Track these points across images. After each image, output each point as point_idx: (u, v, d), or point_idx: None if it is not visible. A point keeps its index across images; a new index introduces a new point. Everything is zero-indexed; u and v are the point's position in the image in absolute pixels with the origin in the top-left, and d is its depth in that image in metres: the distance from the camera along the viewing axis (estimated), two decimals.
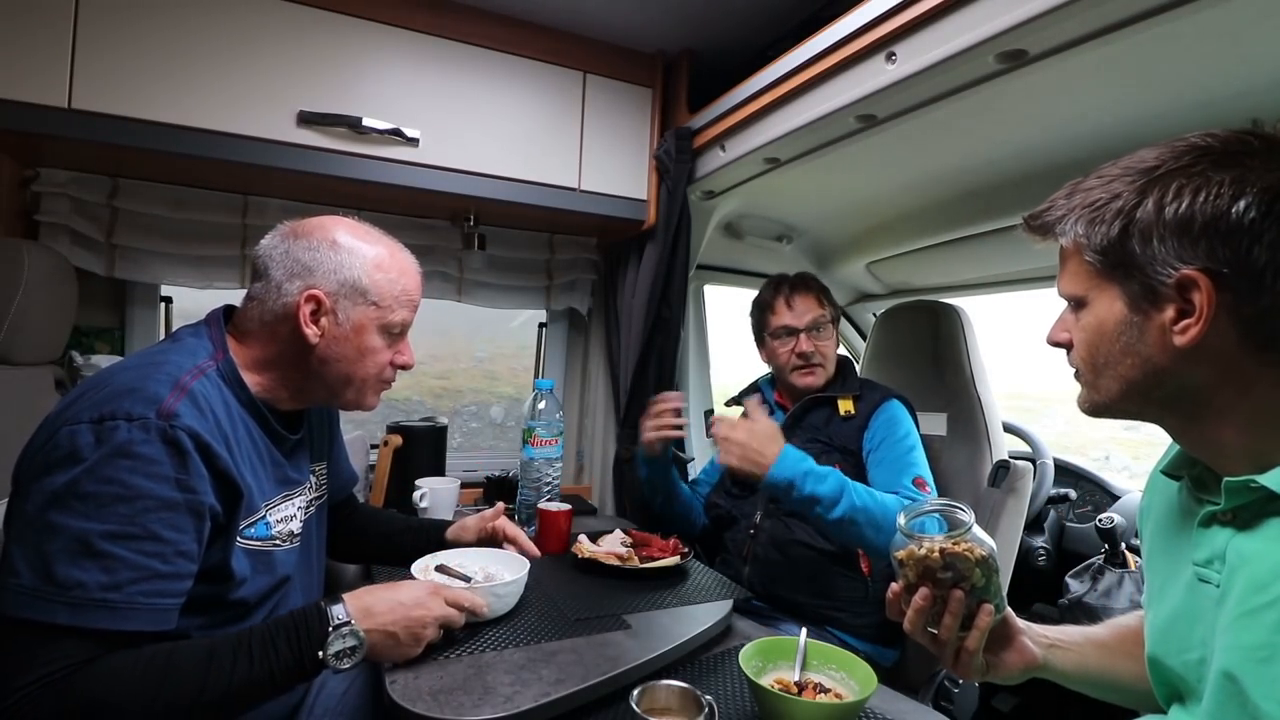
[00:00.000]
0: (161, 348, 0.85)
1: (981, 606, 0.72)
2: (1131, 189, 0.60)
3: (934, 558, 0.71)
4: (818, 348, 1.46)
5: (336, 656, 0.76)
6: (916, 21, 1.01)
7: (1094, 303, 0.64)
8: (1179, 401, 0.62)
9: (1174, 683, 0.67)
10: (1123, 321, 0.62)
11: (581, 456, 2.18)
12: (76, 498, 0.67)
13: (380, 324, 0.91)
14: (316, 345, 0.87)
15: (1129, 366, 0.62)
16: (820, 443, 1.39)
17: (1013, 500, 1.36)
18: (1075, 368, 0.68)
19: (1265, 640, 0.54)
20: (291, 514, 0.92)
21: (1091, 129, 1.17)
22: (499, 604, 0.99)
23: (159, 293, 1.69)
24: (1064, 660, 0.79)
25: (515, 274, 2.00)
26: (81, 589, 0.66)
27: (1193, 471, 0.66)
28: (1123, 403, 0.64)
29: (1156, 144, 0.62)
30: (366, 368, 0.92)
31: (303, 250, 0.88)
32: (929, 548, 0.71)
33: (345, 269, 0.88)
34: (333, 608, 0.78)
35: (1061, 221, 0.65)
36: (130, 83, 1.26)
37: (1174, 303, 0.58)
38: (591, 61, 1.69)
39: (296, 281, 0.86)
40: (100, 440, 0.69)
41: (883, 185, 1.62)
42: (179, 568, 0.72)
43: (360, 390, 0.93)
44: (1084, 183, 0.65)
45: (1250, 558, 0.57)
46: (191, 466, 0.73)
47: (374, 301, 0.89)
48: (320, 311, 0.87)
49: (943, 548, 0.71)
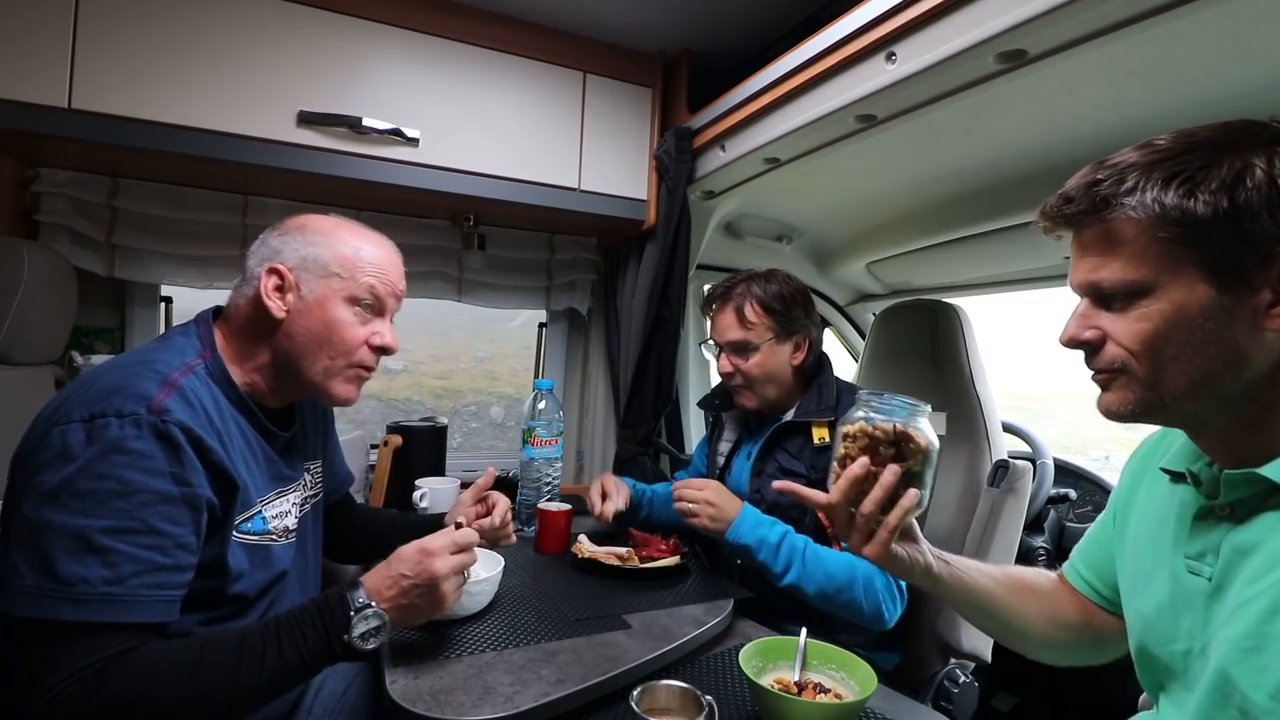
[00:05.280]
0: (150, 347, 0.86)
1: (908, 491, 0.73)
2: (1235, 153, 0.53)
3: (884, 430, 0.73)
4: (737, 368, 1.31)
5: (363, 638, 0.76)
6: (916, 21, 1.01)
7: (1166, 288, 0.56)
8: (1237, 397, 0.57)
9: (1161, 673, 0.68)
10: (1208, 307, 0.55)
11: (581, 456, 2.18)
12: (72, 495, 0.68)
13: (345, 295, 0.89)
14: (283, 321, 0.87)
15: (1209, 357, 0.56)
16: (798, 475, 1.25)
17: (1012, 500, 1.36)
18: (1108, 367, 0.61)
19: (1252, 630, 0.54)
20: (287, 510, 0.93)
21: (1092, 129, 1.17)
22: (471, 601, 0.98)
23: (159, 293, 1.70)
24: (953, 577, 0.80)
25: (515, 274, 2.00)
26: (85, 584, 0.66)
27: (1193, 467, 0.65)
28: (1185, 399, 0.58)
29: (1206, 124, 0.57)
30: (334, 344, 0.89)
31: (274, 237, 0.90)
32: (883, 424, 0.73)
33: (309, 246, 0.89)
34: (353, 592, 0.79)
35: (1135, 192, 0.56)
36: (130, 83, 1.26)
37: (1270, 285, 0.54)
38: (591, 61, 1.69)
39: (265, 264, 0.88)
40: (92, 438, 0.69)
41: (883, 185, 1.62)
42: (179, 560, 0.73)
43: (328, 371, 0.90)
44: (1150, 147, 0.58)
45: (1249, 551, 0.57)
46: (186, 460, 0.73)
47: (336, 272, 0.89)
48: (285, 287, 0.87)
49: (896, 424, 0.73)
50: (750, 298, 1.30)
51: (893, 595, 1.14)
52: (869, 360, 1.75)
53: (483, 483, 1.18)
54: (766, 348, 1.29)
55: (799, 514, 1.25)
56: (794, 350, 1.32)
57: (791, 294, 1.32)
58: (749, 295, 1.30)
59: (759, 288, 1.31)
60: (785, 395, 1.35)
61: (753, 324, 1.29)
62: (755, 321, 1.29)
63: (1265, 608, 0.54)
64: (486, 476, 1.19)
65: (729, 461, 1.45)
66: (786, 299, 1.31)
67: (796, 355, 1.33)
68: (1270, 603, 0.54)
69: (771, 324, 1.29)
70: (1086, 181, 0.60)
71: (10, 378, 1.18)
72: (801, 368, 1.34)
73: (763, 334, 1.29)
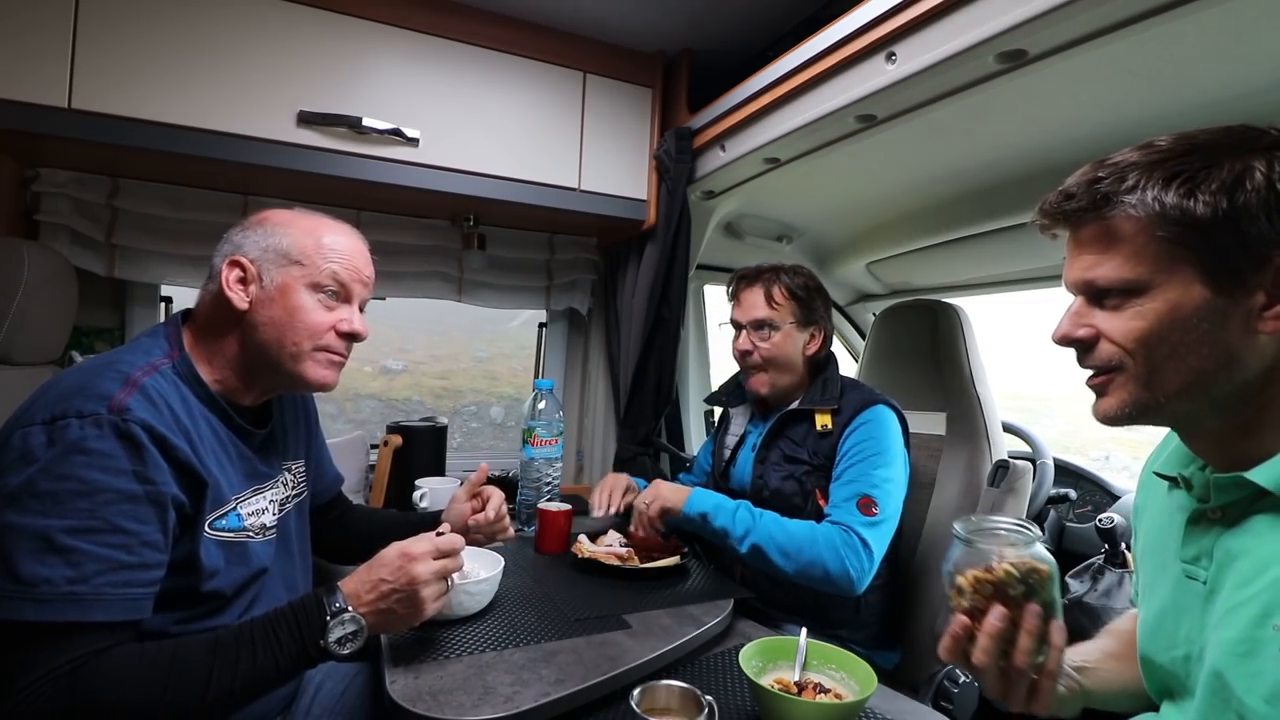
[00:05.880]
0: (116, 350, 0.86)
1: (1051, 624, 0.63)
2: (1235, 156, 0.53)
3: (1009, 573, 0.62)
4: (757, 347, 1.36)
5: (339, 643, 0.76)
6: (916, 21, 1.01)
7: (1162, 286, 0.56)
8: (1230, 399, 0.58)
9: (1164, 679, 0.68)
10: (1203, 307, 0.55)
11: (581, 456, 2.18)
12: (33, 496, 0.67)
13: (308, 282, 0.89)
14: (246, 312, 0.87)
15: (1203, 357, 0.56)
16: (800, 461, 1.31)
17: (1012, 500, 1.36)
18: (1104, 365, 0.61)
19: (1246, 634, 0.54)
20: (264, 508, 0.92)
21: (1092, 129, 1.17)
22: (471, 601, 0.98)
23: (159, 293, 1.70)
24: (1095, 681, 0.75)
25: (515, 274, 2.00)
26: (48, 584, 0.66)
27: (1185, 471, 0.66)
28: (1179, 400, 0.58)
29: (1208, 128, 0.57)
30: (298, 330, 0.88)
31: (236, 233, 0.90)
32: (1004, 565, 0.63)
33: (270, 238, 0.89)
34: (330, 596, 0.78)
35: (1136, 190, 0.56)
36: (130, 83, 1.26)
37: (1264, 288, 0.54)
38: (591, 61, 1.69)
39: (227, 259, 0.88)
40: (53, 440, 0.69)
41: (883, 185, 1.62)
42: (145, 558, 0.72)
43: (296, 357, 0.89)
44: (1152, 148, 0.58)
45: (1238, 555, 0.58)
46: (148, 458, 0.73)
47: (297, 260, 0.88)
48: (247, 279, 0.87)
49: (1015, 561, 0.62)
50: (779, 283, 1.38)
51: (856, 552, 1.15)
52: (869, 360, 1.75)
53: (476, 479, 1.18)
54: (787, 330, 1.37)
55: (801, 502, 1.29)
56: (809, 340, 1.39)
57: (816, 287, 1.41)
58: (778, 280, 1.39)
59: (787, 276, 1.40)
60: (794, 384, 1.40)
61: (779, 305, 1.37)
62: (781, 304, 1.37)
63: (1257, 613, 0.54)
64: (480, 472, 1.19)
65: (734, 455, 1.48)
66: (810, 290, 1.40)
67: (811, 345, 1.40)
68: (1262, 607, 0.53)
69: (795, 310, 1.37)
70: (1087, 179, 0.60)
71: (10, 378, 1.18)
72: (813, 359, 1.40)
73: (786, 317, 1.37)
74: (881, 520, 1.19)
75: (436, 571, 0.82)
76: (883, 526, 1.20)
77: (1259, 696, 0.52)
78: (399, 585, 0.80)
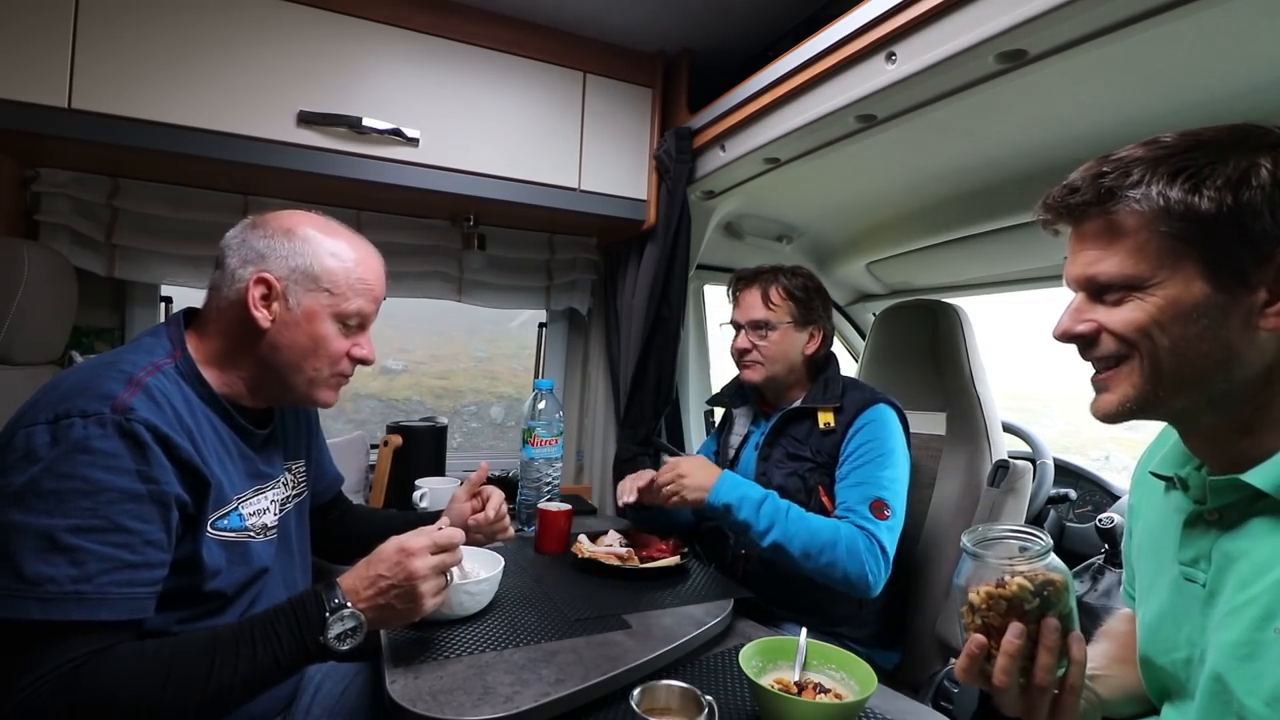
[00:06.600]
0: (119, 349, 0.86)
1: (1070, 636, 0.61)
2: (1241, 153, 0.53)
3: (1023, 587, 0.60)
4: (755, 346, 1.38)
5: (339, 639, 0.76)
6: (916, 21, 1.01)
7: (1165, 282, 0.56)
8: (1228, 396, 0.57)
9: (1164, 681, 0.67)
10: (1204, 303, 0.55)
11: (581, 456, 2.18)
12: (36, 496, 0.68)
13: (334, 312, 0.89)
14: (267, 331, 0.86)
15: (1201, 354, 0.56)
16: (803, 459, 1.32)
17: (1012, 500, 1.36)
18: (1106, 359, 0.61)
19: (1246, 637, 0.54)
20: (265, 507, 0.92)
21: (1092, 129, 1.17)
22: (471, 601, 0.98)
23: (159, 293, 1.70)
24: (1108, 689, 0.73)
25: (515, 274, 2.00)
26: (52, 583, 0.66)
27: (1182, 471, 0.65)
28: (1177, 395, 0.58)
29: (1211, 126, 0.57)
30: (319, 357, 0.89)
31: (258, 239, 0.88)
32: (1018, 579, 0.60)
33: (298, 256, 0.87)
34: (328, 592, 0.78)
35: (1140, 185, 0.56)
36: (130, 83, 1.26)
37: (1266, 285, 0.54)
38: (591, 61, 1.69)
39: (249, 267, 0.86)
40: (56, 439, 0.69)
41: (883, 185, 1.62)
42: (148, 557, 0.72)
43: (312, 382, 0.90)
44: (1157, 144, 0.57)
45: (1237, 557, 0.57)
46: (152, 458, 0.73)
47: (326, 288, 0.88)
48: (271, 296, 0.86)
49: (1029, 574, 0.60)
50: (776, 284, 1.40)
51: (875, 557, 1.15)
52: (869, 360, 1.75)
53: (476, 478, 1.18)
54: (784, 330, 1.38)
55: (804, 498, 1.29)
56: (808, 339, 1.41)
57: (815, 288, 1.42)
58: (775, 281, 1.40)
59: (785, 277, 1.41)
60: (794, 383, 1.42)
61: (776, 305, 1.38)
62: (778, 304, 1.38)
63: (1257, 615, 0.54)
64: (480, 472, 1.19)
65: (738, 453, 1.49)
66: (809, 290, 1.41)
67: (810, 345, 1.41)
68: (1262, 610, 0.53)
69: (793, 310, 1.38)
70: (1092, 173, 0.60)
71: (10, 378, 1.18)
72: (813, 359, 1.41)
73: (783, 317, 1.38)
74: (893, 522, 1.20)
75: (435, 566, 0.82)
76: (895, 528, 1.21)
77: (1260, 699, 0.52)
78: (397, 580, 0.80)
